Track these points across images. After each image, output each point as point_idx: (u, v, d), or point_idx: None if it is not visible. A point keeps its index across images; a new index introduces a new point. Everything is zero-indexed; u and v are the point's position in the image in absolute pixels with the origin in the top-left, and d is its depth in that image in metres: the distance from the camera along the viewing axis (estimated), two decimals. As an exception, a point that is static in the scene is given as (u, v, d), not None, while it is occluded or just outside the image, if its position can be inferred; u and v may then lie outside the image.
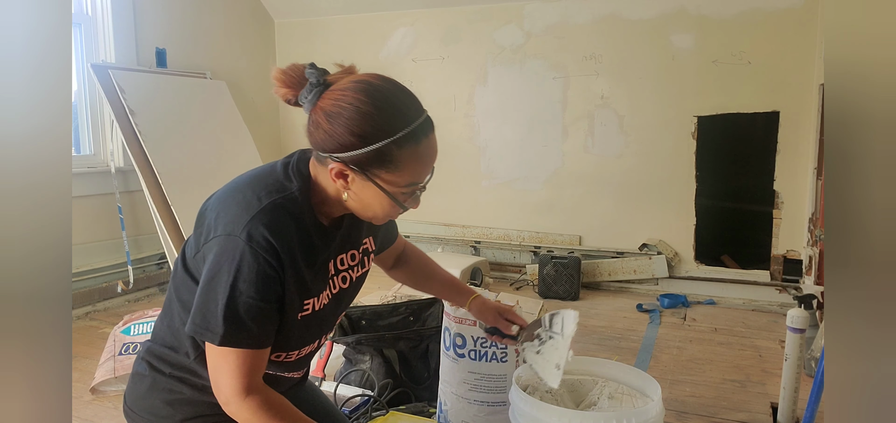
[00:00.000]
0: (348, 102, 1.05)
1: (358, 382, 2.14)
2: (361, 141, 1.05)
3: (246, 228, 1.04)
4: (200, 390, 1.21)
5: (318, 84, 1.09)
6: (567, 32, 3.97)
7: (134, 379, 1.26)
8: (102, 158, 3.62)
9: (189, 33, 4.10)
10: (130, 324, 2.55)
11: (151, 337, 1.27)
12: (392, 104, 1.07)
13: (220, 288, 1.04)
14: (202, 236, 1.11)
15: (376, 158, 1.06)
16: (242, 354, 1.07)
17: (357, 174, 1.09)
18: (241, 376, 1.07)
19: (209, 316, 1.05)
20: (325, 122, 1.07)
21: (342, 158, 1.07)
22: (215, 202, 1.13)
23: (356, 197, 1.12)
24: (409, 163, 1.08)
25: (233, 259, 1.03)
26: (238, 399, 1.08)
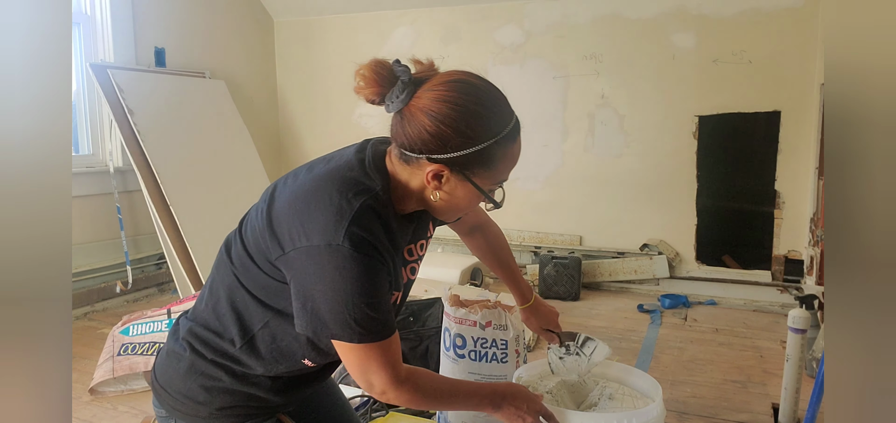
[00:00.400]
0: (454, 101, 1.04)
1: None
2: (467, 141, 1.05)
3: (346, 236, 1.02)
4: (240, 378, 1.19)
5: (410, 82, 1.08)
6: (567, 32, 3.96)
7: (170, 357, 1.23)
8: (101, 158, 3.62)
9: (188, 33, 4.10)
10: (129, 324, 2.55)
11: (192, 317, 1.24)
12: (496, 104, 1.08)
13: (338, 296, 1.04)
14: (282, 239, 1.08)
15: (478, 158, 1.06)
16: (382, 346, 1.09)
17: (454, 174, 1.08)
18: (389, 366, 1.10)
19: (338, 323, 1.06)
20: (427, 121, 1.05)
21: (442, 158, 1.06)
22: (293, 203, 1.10)
23: (447, 196, 1.12)
24: (504, 161, 1.10)
25: (340, 267, 1.03)
26: (393, 388, 1.11)
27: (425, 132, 1.05)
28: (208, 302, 1.22)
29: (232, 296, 1.17)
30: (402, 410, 2.02)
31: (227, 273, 1.19)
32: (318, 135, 4.72)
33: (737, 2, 3.57)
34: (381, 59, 1.10)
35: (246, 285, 1.16)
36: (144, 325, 2.54)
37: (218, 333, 1.19)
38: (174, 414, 1.22)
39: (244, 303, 1.17)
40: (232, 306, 1.17)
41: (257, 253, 1.13)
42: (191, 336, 1.21)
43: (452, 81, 1.07)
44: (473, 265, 3.75)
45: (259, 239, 1.13)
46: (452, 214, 1.19)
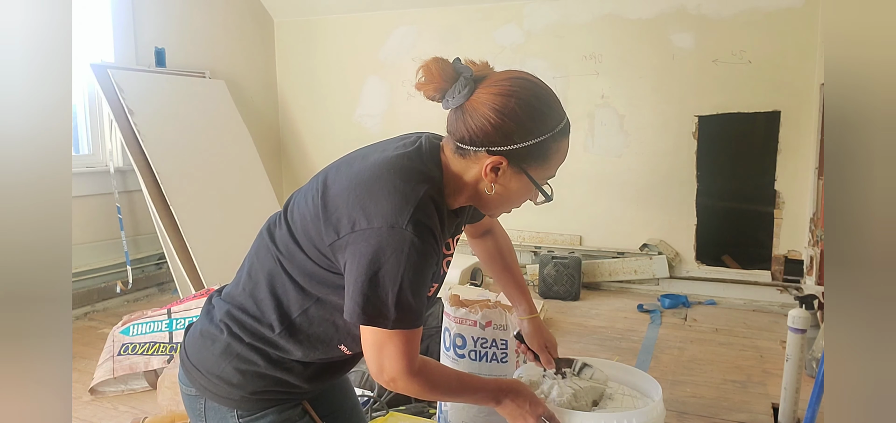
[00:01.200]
0: (517, 97, 1.10)
1: (358, 382, 2.14)
2: (528, 134, 1.10)
3: (411, 219, 1.05)
4: (275, 363, 1.20)
5: (471, 79, 1.12)
6: (567, 32, 3.96)
7: (204, 337, 1.23)
8: (101, 158, 3.62)
9: (188, 33, 4.10)
10: (129, 324, 2.55)
11: (228, 299, 1.24)
12: (552, 101, 1.14)
13: (390, 278, 1.05)
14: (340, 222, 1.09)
15: (536, 151, 1.12)
16: (408, 334, 1.10)
17: (512, 166, 1.13)
18: (407, 355, 1.10)
19: (379, 304, 1.07)
20: (491, 114, 1.09)
21: (503, 150, 1.11)
22: (351, 188, 1.11)
23: (501, 189, 1.16)
24: (556, 156, 1.15)
25: (401, 250, 1.05)
26: (405, 378, 1.12)
27: (488, 125, 1.09)
28: (246, 286, 1.22)
29: (272, 281, 1.18)
30: (401, 409, 2.02)
31: (268, 258, 1.20)
32: (318, 135, 4.72)
33: (736, 2, 3.57)
34: (440, 58, 1.14)
35: (289, 270, 1.16)
36: (144, 325, 2.54)
37: (256, 317, 1.20)
38: (205, 394, 1.22)
39: (285, 289, 1.17)
40: (272, 292, 1.18)
41: (306, 239, 1.14)
42: (228, 318, 1.22)
43: (513, 78, 1.12)
44: (473, 265, 3.76)
45: (309, 226, 1.14)
46: (503, 207, 1.23)
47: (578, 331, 3.17)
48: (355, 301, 1.07)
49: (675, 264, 3.85)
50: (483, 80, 1.13)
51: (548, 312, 3.35)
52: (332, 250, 1.10)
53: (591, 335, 3.11)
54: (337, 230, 1.09)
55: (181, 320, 2.54)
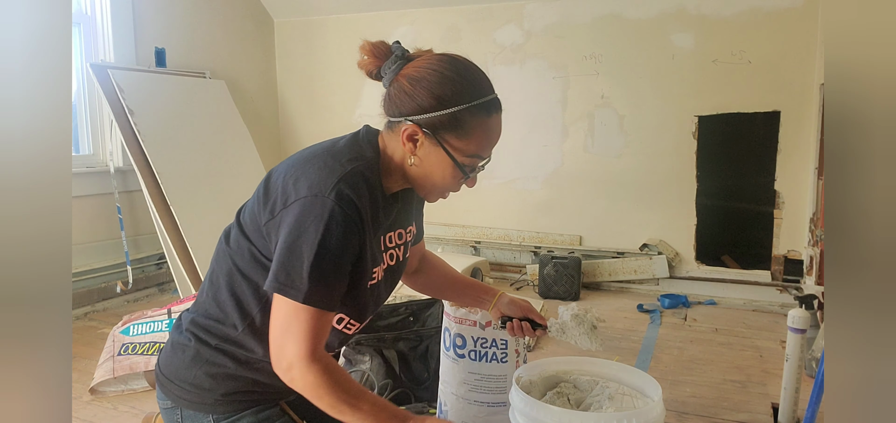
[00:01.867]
0: (433, 68, 1.14)
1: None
2: (440, 103, 1.13)
3: (334, 188, 1.08)
4: (244, 363, 1.22)
5: (400, 57, 1.18)
6: (567, 32, 3.96)
7: (174, 349, 1.26)
8: (101, 158, 3.62)
9: (188, 33, 4.10)
10: (130, 324, 2.55)
11: (194, 309, 1.28)
12: (471, 74, 1.17)
13: (307, 246, 1.07)
14: (274, 203, 1.13)
15: (450, 122, 1.14)
16: (316, 315, 1.09)
17: (428, 137, 1.16)
18: (311, 338, 1.10)
19: (294, 274, 1.07)
20: (407, 85, 1.15)
21: (418, 119, 1.15)
22: (286, 170, 1.16)
23: (421, 162, 1.18)
24: (477, 132, 1.16)
25: (321, 218, 1.07)
26: (304, 363, 1.09)
27: (404, 93, 1.15)
28: (209, 292, 1.25)
29: (231, 282, 1.21)
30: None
31: (224, 260, 1.23)
32: (318, 135, 4.69)
33: (736, 2, 3.57)
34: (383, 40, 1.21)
35: (242, 268, 1.19)
36: (145, 325, 2.54)
37: (220, 320, 1.22)
38: (180, 403, 1.24)
39: (242, 287, 1.20)
40: (231, 292, 1.21)
41: (253, 231, 1.18)
42: (194, 326, 1.25)
43: (439, 55, 1.18)
44: (473, 265, 3.76)
45: (255, 215, 1.18)
46: (430, 184, 1.23)
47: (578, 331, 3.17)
48: (273, 270, 1.09)
49: (674, 264, 3.85)
50: (414, 58, 1.18)
51: (548, 312, 3.35)
52: (268, 229, 1.14)
53: (591, 335, 3.10)
54: (272, 209, 1.13)
55: (181, 320, 2.53)
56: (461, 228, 4.38)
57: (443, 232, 4.42)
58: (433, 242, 4.42)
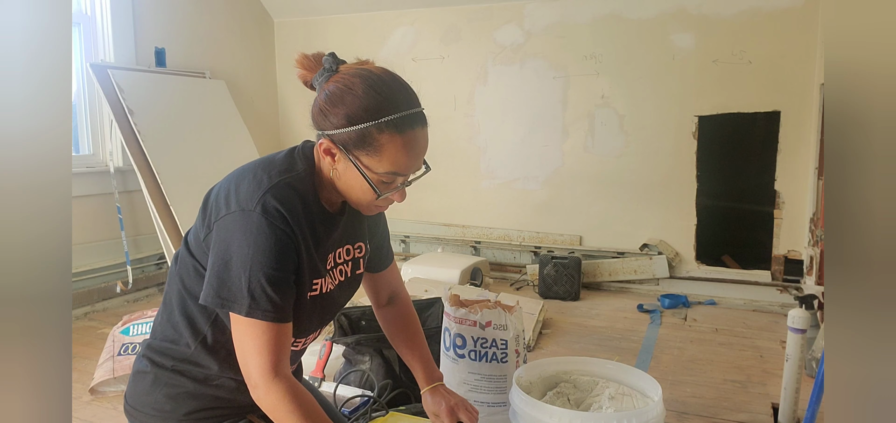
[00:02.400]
0: (345, 84, 1.13)
1: (357, 382, 2.14)
2: (348, 120, 1.11)
3: (259, 202, 1.08)
4: (202, 381, 1.22)
5: (329, 69, 1.17)
6: (567, 32, 3.96)
7: (135, 378, 1.27)
8: (101, 158, 3.62)
9: (188, 33, 4.10)
10: (130, 324, 2.55)
11: (151, 335, 1.29)
12: (380, 91, 1.12)
13: (239, 261, 1.07)
14: (210, 217, 1.15)
15: (359, 140, 1.12)
16: (268, 329, 1.09)
17: (342, 154, 1.14)
18: (269, 353, 1.09)
19: (233, 288, 1.08)
20: (324, 101, 1.14)
21: (330, 134, 1.13)
22: (222, 186, 1.17)
23: (341, 178, 1.18)
24: (389, 150, 1.12)
25: (248, 232, 1.07)
26: (266, 380, 1.09)
27: (317, 108, 1.15)
28: (163, 315, 1.26)
29: (181, 302, 1.22)
30: (401, 409, 2.02)
31: (174, 281, 1.23)
32: (318, 135, 4.71)
33: (737, 2, 3.57)
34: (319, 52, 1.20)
35: (189, 286, 1.20)
36: (144, 325, 2.54)
37: (173, 340, 1.23)
38: None
39: (190, 305, 1.21)
40: (183, 312, 1.21)
41: (196, 247, 1.18)
42: (150, 351, 1.26)
43: (358, 68, 1.16)
44: (473, 265, 3.76)
45: (197, 232, 1.18)
46: (354, 200, 1.21)
47: (578, 331, 3.17)
48: (210, 285, 1.09)
49: (675, 264, 3.85)
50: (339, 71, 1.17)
51: (548, 312, 3.35)
52: (207, 243, 1.14)
53: (591, 335, 3.10)
54: (208, 224, 1.14)
55: (181, 320, 2.53)
56: (461, 228, 4.38)
57: (443, 232, 4.42)
58: (433, 242, 4.42)
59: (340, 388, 2.06)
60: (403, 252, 4.49)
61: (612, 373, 1.62)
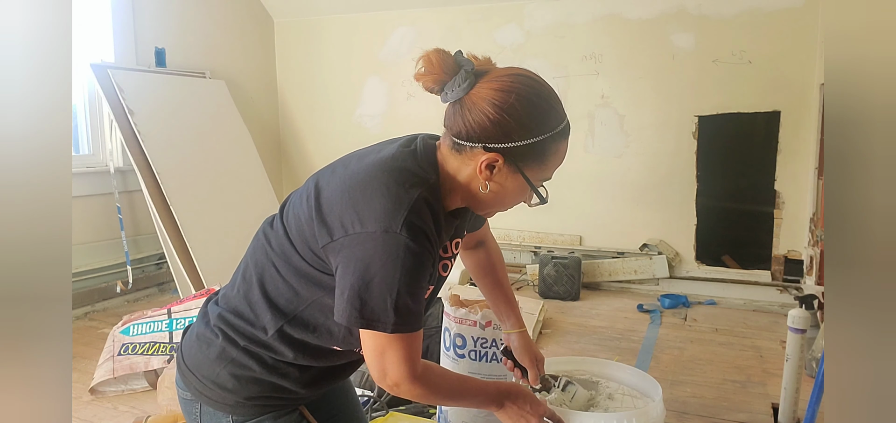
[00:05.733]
0: (517, 92, 1.07)
1: (358, 382, 2.14)
2: (527, 132, 1.08)
3: (404, 223, 1.03)
4: (270, 368, 1.18)
5: (472, 72, 1.09)
6: (567, 32, 3.96)
7: (199, 341, 1.22)
8: (101, 158, 3.62)
9: (188, 33, 4.10)
10: (130, 324, 2.55)
11: (223, 303, 1.23)
12: (553, 100, 1.12)
13: (386, 282, 1.04)
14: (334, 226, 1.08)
15: (533, 150, 1.09)
16: (409, 338, 1.09)
17: (507, 164, 1.10)
18: (408, 359, 1.10)
19: (377, 309, 1.05)
20: (490, 109, 1.06)
21: (500, 147, 1.08)
22: (344, 193, 1.09)
23: (497, 187, 1.13)
24: (554, 158, 1.14)
25: (396, 255, 1.03)
26: (409, 382, 1.11)
27: (487, 120, 1.07)
28: (240, 288, 1.21)
29: (266, 283, 1.17)
30: (401, 409, 2.02)
31: (263, 259, 1.18)
32: (318, 135, 4.72)
33: (737, 2, 3.57)
34: (442, 49, 1.10)
35: (283, 272, 1.15)
36: (144, 325, 2.54)
37: (250, 321, 1.18)
38: (200, 398, 1.21)
39: (278, 290, 1.16)
40: (265, 294, 1.17)
41: (300, 240, 1.13)
42: (222, 323, 1.20)
43: (515, 75, 1.10)
44: (473, 265, 3.75)
45: (304, 227, 1.12)
46: (496, 207, 1.19)
47: (578, 331, 3.17)
48: (352, 305, 1.06)
49: (675, 264, 3.85)
50: (484, 74, 1.10)
51: (548, 312, 3.35)
52: (326, 252, 1.09)
53: (591, 335, 3.10)
54: (330, 233, 1.08)
55: (181, 320, 2.54)
56: (461, 228, 4.38)
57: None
58: (433, 242, 4.41)
59: (340, 388, 2.05)
60: (403, 252, 4.49)
61: (612, 373, 1.62)
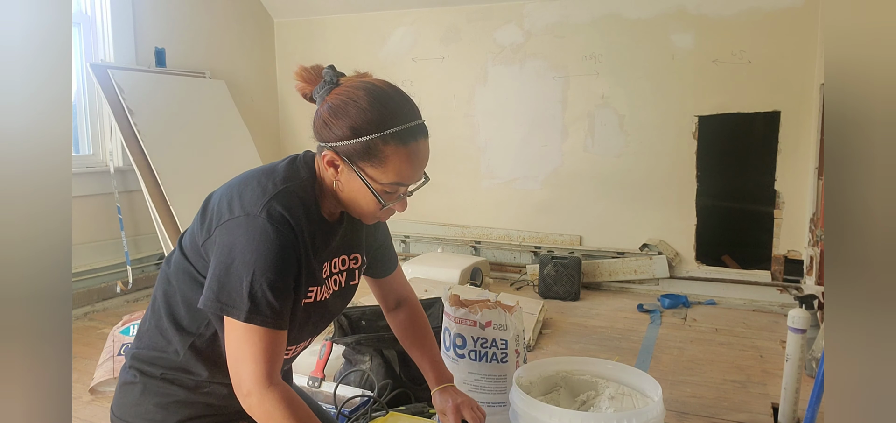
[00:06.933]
0: (349, 97, 1.15)
1: (358, 382, 2.14)
2: (352, 132, 1.13)
3: (265, 207, 1.10)
4: (193, 389, 1.21)
5: (330, 82, 1.18)
6: (567, 32, 3.96)
7: (122, 390, 1.25)
8: (101, 158, 3.62)
9: (188, 33, 4.10)
10: (129, 324, 2.54)
11: (136, 343, 1.27)
12: (385, 104, 1.15)
13: (243, 265, 1.07)
14: (211, 222, 1.15)
15: (364, 151, 1.14)
16: (265, 335, 1.09)
17: (346, 165, 1.16)
18: (264, 361, 1.08)
19: (233, 293, 1.07)
20: (327, 113, 1.16)
21: (334, 146, 1.16)
22: (223, 192, 1.18)
23: (344, 189, 1.19)
24: (393, 161, 1.15)
25: (252, 236, 1.08)
26: (260, 388, 1.08)
27: (320, 119, 1.17)
28: (151, 321, 1.25)
29: (170, 308, 1.21)
30: (401, 409, 2.02)
31: (166, 287, 1.23)
32: (317, 135, 4.72)
33: (736, 2, 3.57)
34: (318, 64, 1.22)
35: (183, 293, 1.19)
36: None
37: (162, 349, 1.22)
38: None
39: (181, 312, 1.20)
40: (172, 318, 1.21)
41: (193, 252, 1.18)
42: (137, 362, 1.24)
43: (359, 82, 1.18)
44: (473, 265, 3.76)
45: (195, 235, 1.18)
46: (357, 211, 1.23)
47: (578, 331, 3.17)
48: (210, 288, 1.09)
49: (675, 264, 3.85)
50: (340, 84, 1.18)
51: (548, 312, 3.36)
52: (206, 249, 1.14)
53: (590, 335, 3.10)
54: (209, 229, 1.14)
55: (181, 320, 2.53)
56: (461, 228, 4.38)
57: (443, 232, 4.42)
58: (433, 242, 4.42)
59: (340, 388, 2.06)
60: (403, 252, 4.49)
61: (612, 373, 1.62)
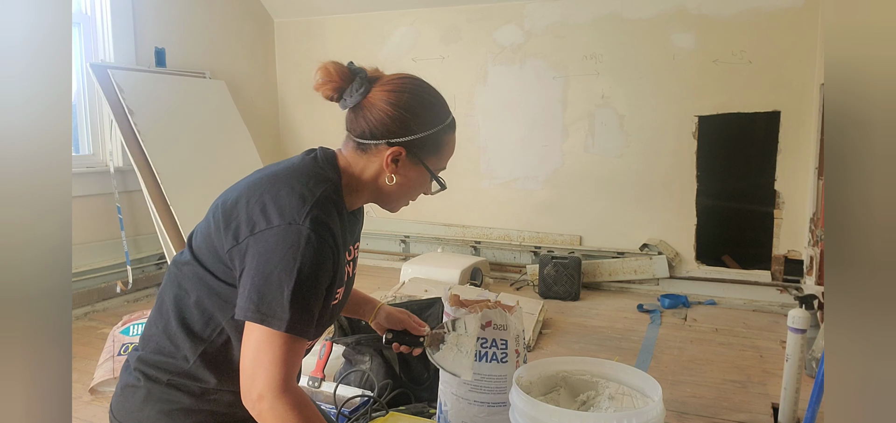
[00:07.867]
0: (411, 91, 1.20)
1: (358, 382, 2.14)
2: (424, 124, 1.20)
3: (308, 215, 1.08)
4: (199, 396, 1.18)
5: (367, 79, 1.21)
6: (567, 32, 3.96)
7: (124, 392, 1.22)
8: (101, 158, 3.62)
9: (188, 33, 4.10)
10: (129, 324, 2.55)
11: (141, 345, 1.24)
12: (437, 97, 1.25)
13: (286, 274, 1.05)
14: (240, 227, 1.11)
15: (430, 141, 1.22)
16: (291, 342, 1.07)
17: (410, 157, 1.21)
18: (284, 366, 1.06)
19: (273, 303, 1.05)
20: (389, 108, 1.18)
21: (401, 141, 1.19)
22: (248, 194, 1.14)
23: (402, 179, 1.23)
24: (446, 149, 1.27)
25: (298, 246, 1.06)
26: (275, 393, 1.05)
27: (387, 118, 1.18)
28: (158, 324, 1.22)
29: (181, 313, 1.18)
30: (401, 409, 2.02)
31: (177, 291, 1.20)
32: (318, 135, 4.71)
33: (737, 2, 3.57)
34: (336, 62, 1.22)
35: (196, 298, 1.17)
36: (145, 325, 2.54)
37: (171, 354, 1.19)
38: None
39: (193, 317, 1.17)
40: (182, 323, 1.18)
41: (210, 257, 1.15)
42: (143, 365, 1.21)
43: (404, 77, 1.23)
44: (473, 265, 3.76)
45: (213, 240, 1.15)
46: (402, 200, 1.29)
47: (578, 331, 3.17)
48: (250, 299, 1.06)
49: (675, 264, 3.85)
50: (377, 80, 1.21)
51: (548, 312, 3.35)
52: (231, 256, 1.11)
53: (591, 335, 3.11)
54: (236, 235, 1.10)
55: (181, 320, 2.53)
56: (461, 228, 4.38)
57: (443, 232, 4.42)
58: (433, 242, 4.42)
59: (340, 388, 2.06)
60: (403, 252, 4.49)
61: (612, 373, 1.62)
